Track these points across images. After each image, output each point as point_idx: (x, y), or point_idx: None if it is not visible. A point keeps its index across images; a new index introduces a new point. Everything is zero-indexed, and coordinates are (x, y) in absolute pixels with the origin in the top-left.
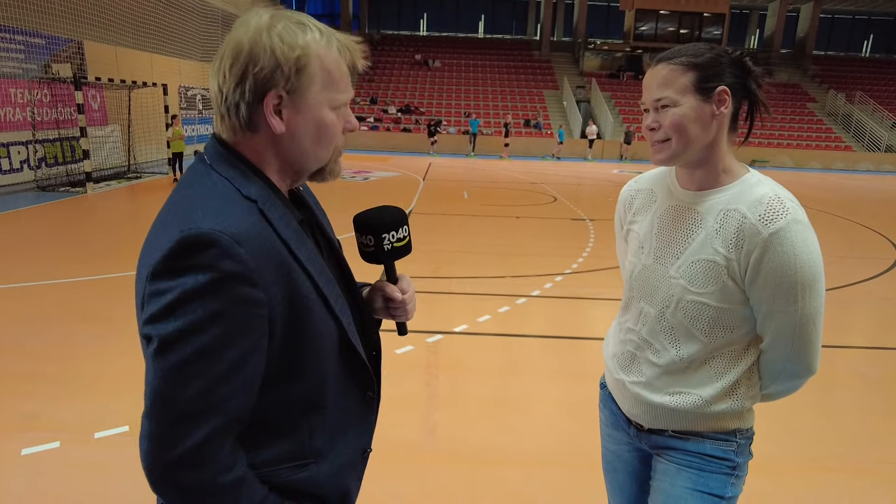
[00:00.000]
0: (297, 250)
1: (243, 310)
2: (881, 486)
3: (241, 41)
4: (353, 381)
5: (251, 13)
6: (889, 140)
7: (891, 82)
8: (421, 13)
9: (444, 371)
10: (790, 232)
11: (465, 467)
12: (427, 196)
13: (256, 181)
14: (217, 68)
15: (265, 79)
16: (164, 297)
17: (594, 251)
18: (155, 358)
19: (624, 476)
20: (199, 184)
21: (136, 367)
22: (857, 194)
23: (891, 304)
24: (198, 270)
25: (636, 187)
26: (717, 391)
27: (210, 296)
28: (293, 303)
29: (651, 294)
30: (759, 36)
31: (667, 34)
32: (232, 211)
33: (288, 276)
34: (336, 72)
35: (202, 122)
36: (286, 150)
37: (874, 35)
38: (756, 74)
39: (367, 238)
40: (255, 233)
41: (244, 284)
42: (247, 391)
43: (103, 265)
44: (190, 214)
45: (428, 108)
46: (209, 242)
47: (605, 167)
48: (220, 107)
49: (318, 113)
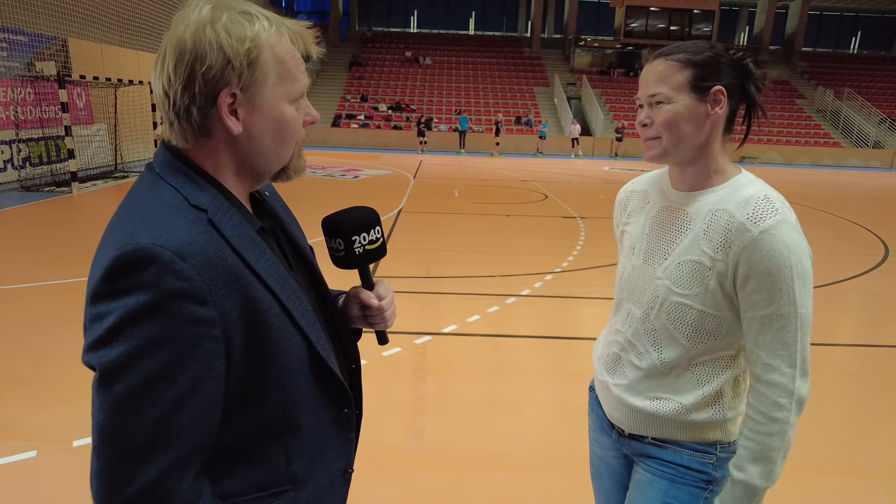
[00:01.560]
0: (255, 262)
1: (192, 330)
2: (875, 486)
3: (183, 39)
4: (327, 398)
5: (189, 7)
6: (877, 136)
7: (878, 79)
8: (411, 10)
9: (433, 373)
10: (779, 231)
11: (453, 472)
12: (417, 194)
13: (209, 189)
14: (160, 71)
15: (215, 77)
16: (104, 321)
17: (584, 249)
18: (99, 389)
19: (609, 482)
20: (145, 195)
21: None
22: (846, 190)
23: (881, 300)
24: (138, 290)
25: (632, 188)
26: (699, 399)
27: (153, 317)
28: (251, 319)
29: (638, 295)
30: (749, 33)
31: (657, 31)
32: (175, 223)
33: (243, 290)
34: (290, 61)
35: None
36: (245, 152)
37: (862, 32)
38: (756, 77)
39: (336, 242)
40: (200, 245)
41: (190, 302)
42: (205, 418)
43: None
44: (129, 229)
45: (419, 106)
46: (148, 258)
47: (595, 164)
48: (169, 113)
49: (276, 109)
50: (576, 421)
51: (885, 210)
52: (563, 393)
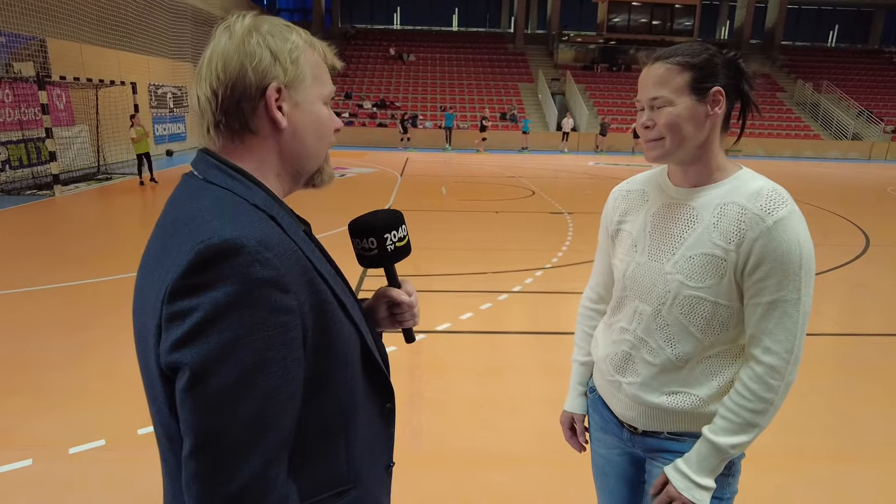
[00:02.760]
0: (311, 256)
1: (280, 319)
2: (864, 471)
3: (230, 44)
4: (374, 392)
5: (232, 19)
6: (855, 128)
7: (856, 71)
8: (394, 7)
9: (428, 372)
10: (792, 221)
11: (452, 471)
12: (405, 192)
13: (258, 191)
14: (206, 74)
15: (265, 71)
16: (189, 317)
17: (573, 245)
18: (192, 389)
19: (615, 480)
20: (201, 196)
21: (114, 377)
22: (827, 181)
23: (864, 289)
24: (227, 281)
25: (627, 188)
26: (714, 390)
27: (245, 307)
28: (319, 310)
29: (646, 292)
30: (730, 27)
31: (639, 25)
32: (248, 217)
33: (312, 281)
34: (321, 68)
35: (173, 120)
36: (288, 149)
37: (839, 25)
38: (749, 76)
39: (368, 242)
40: (276, 237)
41: (277, 291)
42: (293, 408)
43: (76, 271)
44: (203, 226)
45: (403, 103)
46: (235, 249)
47: (580, 159)
48: (216, 112)
49: (315, 107)
50: None
51: (865, 200)
52: (558, 388)
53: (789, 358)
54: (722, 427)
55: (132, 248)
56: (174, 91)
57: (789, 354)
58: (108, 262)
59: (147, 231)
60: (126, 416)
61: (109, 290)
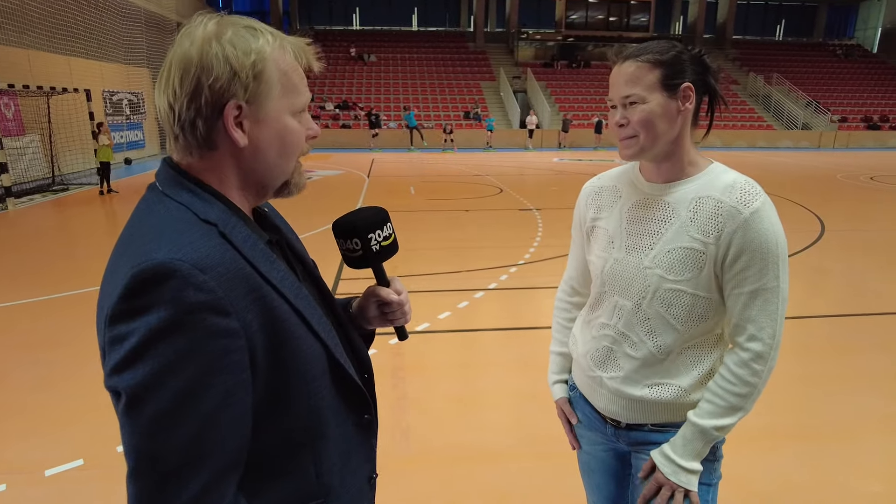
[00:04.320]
0: (268, 272)
1: (217, 343)
2: (827, 446)
3: (189, 53)
4: (348, 405)
5: (194, 23)
6: (804, 118)
7: (803, 64)
8: (353, 7)
9: (411, 372)
10: (766, 211)
11: (439, 469)
12: (373, 193)
13: (216, 204)
14: (164, 85)
15: (222, 89)
16: (126, 342)
17: (544, 240)
18: (128, 413)
19: (601, 476)
20: (151, 213)
21: (87, 394)
22: (781, 170)
23: (822, 273)
24: (159, 306)
25: (598, 184)
26: (695, 380)
27: (178, 332)
28: (271, 328)
29: (625, 287)
30: (683, 22)
31: (597, 22)
32: (189, 237)
33: (262, 300)
34: (294, 75)
35: (130, 127)
36: (249, 165)
37: (786, 20)
38: (714, 70)
39: (352, 242)
40: (217, 257)
41: (214, 314)
42: (238, 432)
43: (35, 286)
44: (142, 247)
45: (367, 104)
46: (167, 273)
47: (544, 156)
48: (174, 126)
49: (280, 122)
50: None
51: (818, 188)
52: (539, 382)
53: (773, 343)
54: (707, 410)
55: (93, 261)
56: (130, 97)
57: (773, 340)
58: (69, 277)
59: (108, 244)
60: (104, 433)
61: (73, 305)
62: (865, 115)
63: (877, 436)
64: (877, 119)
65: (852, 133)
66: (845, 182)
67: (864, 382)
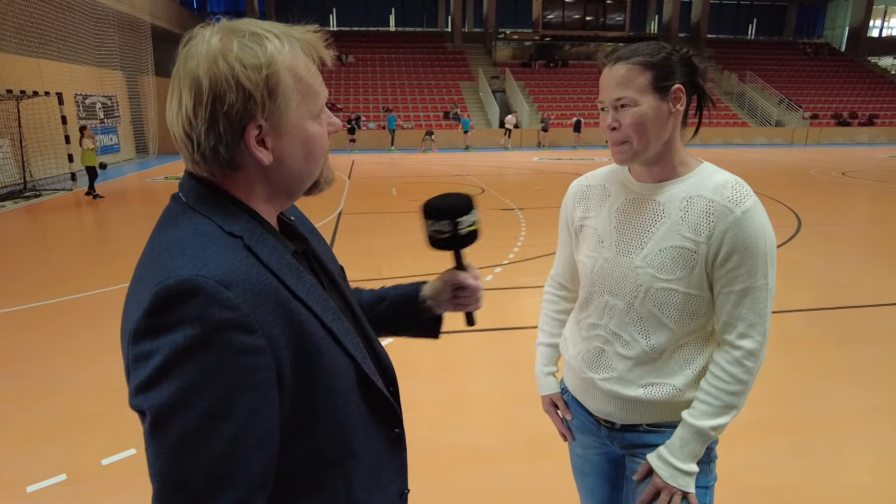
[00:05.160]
0: (294, 285)
1: (244, 361)
2: (814, 440)
3: (197, 76)
4: (378, 419)
5: (196, 38)
6: (778, 115)
7: (775, 62)
8: (329, 8)
9: (400, 374)
10: (756, 212)
11: (437, 471)
12: (355, 195)
13: (241, 216)
14: (177, 112)
15: (239, 114)
16: (150, 360)
17: (528, 240)
18: (153, 434)
19: (594, 479)
20: (175, 226)
21: (69, 406)
22: (757, 166)
23: (801, 267)
24: (185, 324)
25: (586, 183)
26: (689, 378)
27: (203, 351)
28: (299, 343)
29: (616, 287)
30: (658, 21)
31: (573, 22)
32: (214, 251)
33: (289, 314)
34: (308, 76)
35: (105, 131)
36: (276, 178)
37: (757, 19)
38: (702, 71)
39: (442, 224)
40: (243, 272)
41: (240, 332)
42: (265, 451)
43: (11, 296)
44: (167, 262)
45: (346, 105)
46: (192, 290)
47: (524, 155)
48: (194, 154)
49: (302, 129)
50: None
51: (793, 183)
52: (526, 382)
53: (763, 340)
54: (702, 411)
55: (71, 269)
56: (104, 101)
57: (763, 337)
58: (48, 285)
59: (88, 250)
60: (88, 446)
61: (53, 314)
62: (835, 112)
63: (862, 427)
64: (846, 115)
65: (823, 129)
66: (819, 177)
67: (847, 374)
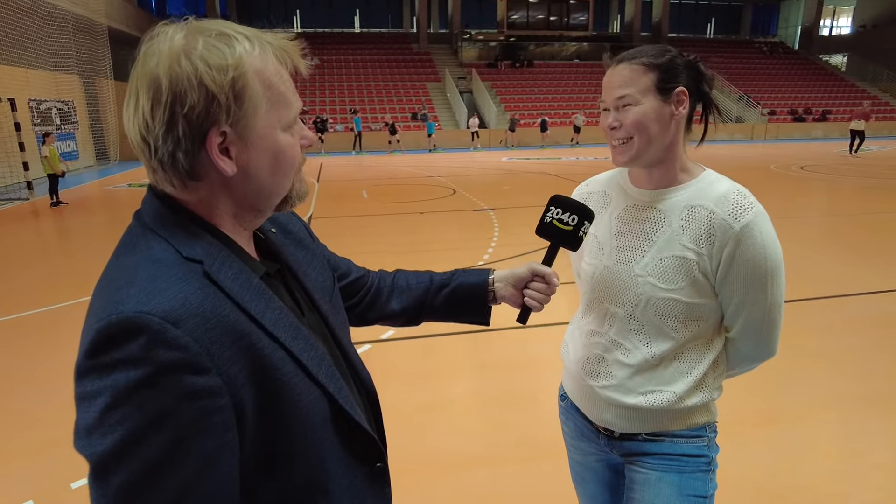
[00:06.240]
0: (260, 314)
1: (194, 404)
2: (788, 430)
3: (156, 76)
4: (356, 455)
5: (158, 36)
6: (738, 112)
7: (733, 59)
8: (293, 10)
9: (380, 381)
10: (757, 224)
11: (423, 478)
12: (325, 198)
13: (203, 237)
14: (133, 114)
15: (200, 117)
16: (92, 403)
17: (501, 240)
18: (96, 483)
19: (594, 486)
20: (132, 251)
21: (35, 427)
22: (720, 162)
23: None
24: (127, 366)
25: (587, 190)
26: (689, 385)
27: (148, 395)
28: (262, 379)
29: (617, 294)
30: (621, 21)
31: (538, 22)
32: (164, 283)
33: (250, 348)
34: (280, 84)
35: (62, 137)
36: (242, 191)
37: (715, 18)
38: (708, 77)
39: (571, 218)
40: (195, 304)
41: (189, 373)
42: (223, 496)
43: None
44: (113, 295)
45: (311, 107)
46: (134, 329)
47: (493, 156)
48: (151, 161)
49: (271, 140)
50: (530, 408)
51: (755, 179)
52: (510, 383)
53: (772, 349)
54: None
55: (26, 283)
56: (60, 106)
57: (773, 344)
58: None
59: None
60: (56, 469)
61: (8, 332)
62: (791, 108)
63: (833, 415)
64: (801, 112)
65: (781, 125)
66: (779, 172)
67: (814, 365)
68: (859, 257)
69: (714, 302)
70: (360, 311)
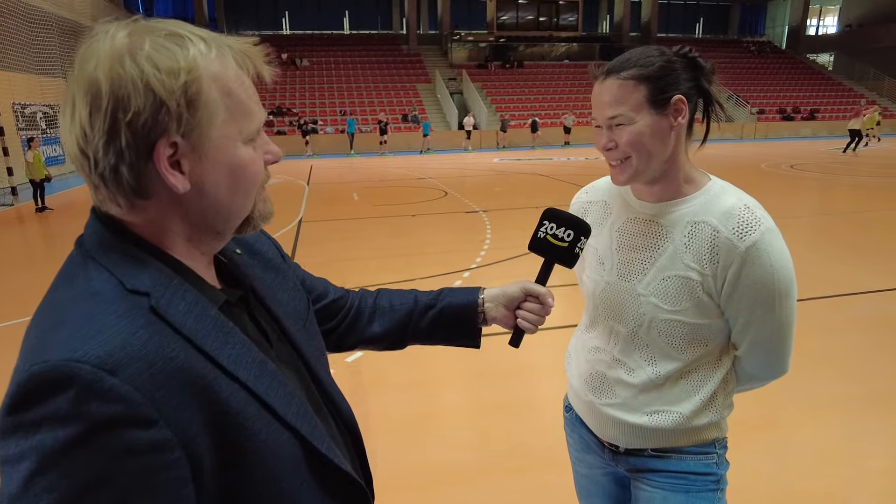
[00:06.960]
0: (217, 351)
1: (139, 462)
2: (789, 434)
3: (95, 79)
4: (335, 498)
5: (98, 35)
6: (727, 111)
7: (722, 59)
8: (282, 11)
9: (371, 390)
10: (765, 243)
11: (415, 493)
12: (315, 201)
13: (152, 264)
14: (69, 123)
15: (147, 126)
16: (17, 467)
17: (494, 242)
18: None
19: (600, 500)
20: (70, 283)
21: None
22: (711, 161)
23: None
24: (55, 424)
25: (587, 199)
26: (697, 405)
27: (82, 457)
28: (222, 425)
29: (619, 313)
30: (610, 21)
31: (527, 22)
32: (101, 322)
33: (206, 391)
34: (240, 91)
35: (47, 142)
36: (196, 211)
37: (704, 18)
38: (707, 71)
39: (566, 233)
40: (137, 346)
41: (130, 428)
42: None
43: None
44: (41, 337)
45: (301, 109)
46: (63, 381)
47: (484, 157)
48: (91, 176)
49: (229, 153)
50: (522, 417)
51: (746, 177)
52: (502, 391)
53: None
54: None
55: (7, 291)
56: (45, 110)
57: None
58: None
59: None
60: None
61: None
62: (780, 107)
63: (833, 418)
64: (790, 110)
65: (770, 124)
66: (770, 171)
67: (814, 365)
68: (855, 256)
69: (721, 321)
70: (338, 336)
